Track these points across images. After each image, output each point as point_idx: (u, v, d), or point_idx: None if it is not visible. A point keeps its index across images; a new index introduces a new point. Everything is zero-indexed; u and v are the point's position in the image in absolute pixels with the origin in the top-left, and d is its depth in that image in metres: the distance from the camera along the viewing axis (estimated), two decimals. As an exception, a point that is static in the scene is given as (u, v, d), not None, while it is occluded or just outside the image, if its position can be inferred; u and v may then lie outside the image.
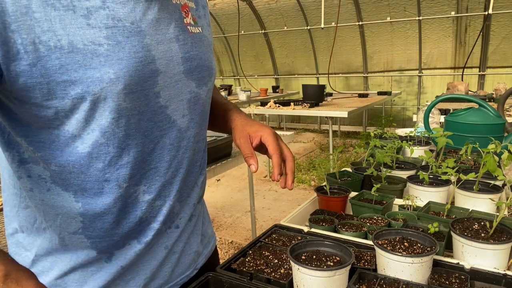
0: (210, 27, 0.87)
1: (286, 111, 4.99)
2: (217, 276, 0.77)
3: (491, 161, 1.10)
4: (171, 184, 0.76)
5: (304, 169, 5.70)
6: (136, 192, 0.71)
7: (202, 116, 0.81)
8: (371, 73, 8.11)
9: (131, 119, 0.66)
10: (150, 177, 0.72)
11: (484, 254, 0.82)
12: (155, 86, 0.67)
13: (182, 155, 0.77)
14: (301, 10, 7.92)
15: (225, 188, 5.02)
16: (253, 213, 3.14)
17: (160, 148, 0.72)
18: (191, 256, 0.87)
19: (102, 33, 0.59)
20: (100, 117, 0.63)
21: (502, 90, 4.58)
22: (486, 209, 1.07)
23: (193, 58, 0.75)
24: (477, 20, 6.68)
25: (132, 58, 0.62)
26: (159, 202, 0.75)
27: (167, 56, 0.69)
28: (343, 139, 7.96)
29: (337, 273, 0.70)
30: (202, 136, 0.85)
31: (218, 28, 9.08)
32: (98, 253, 0.72)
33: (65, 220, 0.69)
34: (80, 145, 0.64)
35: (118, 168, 0.67)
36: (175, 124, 0.74)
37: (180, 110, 0.74)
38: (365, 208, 1.11)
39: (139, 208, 0.73)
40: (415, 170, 1.40)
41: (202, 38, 0.79)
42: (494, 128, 1.71)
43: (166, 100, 0.70)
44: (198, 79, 0.77)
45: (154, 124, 0.70)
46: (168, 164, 0.74)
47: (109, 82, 0.60)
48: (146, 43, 0.64)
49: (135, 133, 0.67)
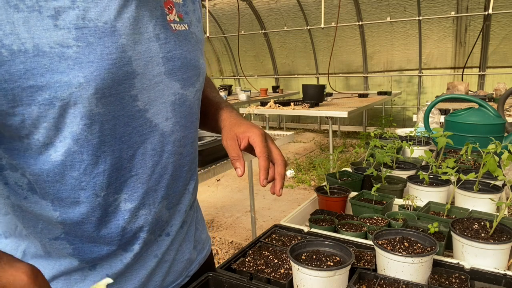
0: (200, 23, 0.82)
1: (286, 111, 5.00)
2: (217, 276, 0.77)
3: (491, 161, 1.10)
4: (155, 191, 0.72)
5: (304, 169, 5.70)
6: (117, 200, 0.68)
7: (189, 118, 0.77)
8: (371, 73, 8.11)
9: (106, 124, 0.62)
10: (132, 184, 0.69)
11: (484, 254, 0.82)
12: (131, 89, 0.64)
13: (166, 160, 0.73)
14: (301, 10, 7.93)
15: (225, 188, 5.02)
16: (253, 213, 3.14)
17: (141, 154, 0.68)
18: (183, 263, 0.85)
19: (71, 34, 0.56)
20: (71, 123, 0.59)
21: (502, 90, 4.58)
22: (486, 209, 1.07)
23: (176, 58, 0.71)
24: (477, 20, 6.68)
25: (105, 60, 0.59)
26: (143, 211, 0.72)
27: (145, 56, 0.65)
28: (343, 139, 7.96)
29: (337, 273, 0.70)
30: (191, 139, 0.80)
31: (218, 28, 9.08)
32: (80, 261, 0.70)
33: (46, 226, 0.67)
34: (53, 153, 0.61)
35: (94, 176, 0.64)
36: (157, 128, 0.70)
37: (162, 113, 0.70)
38: (365, 208, 1.11)
39: (120, 217, 0.69)
40: (415, 170, 1.40)
41: (189, 35, 0.75)
42: (494, 128, 1.71)
43: (145, 103, 0.66)
44: (183, 80, 0.73)
45: (133, 129, 0.66)
46: (151, 170, 0.70)
47: (79, 86, 0.57)
48: (121, 44, 0.61)
49: (111, 140, 0.64)
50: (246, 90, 6.85)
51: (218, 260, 3.22)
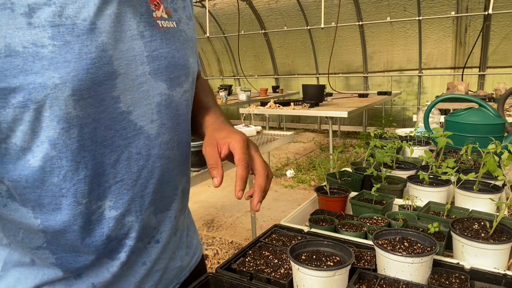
0: (191, 20, 0.78)
1: (286, 111, 5.00)
2: (217, 276, 0.77)
3: (491, 161, 1.10)
4: (141, 197, 0.69)
5: (304, 169, 5.70)
6: (101, 208, 0.65)
7: (176, 120, 0.73)
8: (371, 73, 8.11)
9: (85, 128, 0.59)
10: (116, 191, 0.66)
11: (484, 254, 0.82)
12: (113, 90, 0.60)
13: (152, 164, 0.69)
14: (301, 10, 7.93)
15: (225, 188, 5.01)
16: (253, 213, 3.14)
17: (126, 158, 0.65)
18: (174, 271, 0.82)
19: (46, 33, 0.53)
20: (48, 127, 0.56)
21: (502, 90, 4.58)
22: (486, 209, 1.07)
23: (162, 56, 0.67)
24: (477, 20, 6.68)
25: (83, 59, 0.55)
26: (129, 218, 0.68)
27: (128, 55, 0.62)
28: (343, 139, 7.96)
29: (337, 273, 0.70)
30: (179, 142, 0.76)
31: (218, 28, 9.08)
32: (64, 271, 0.67)
33: (27, 235, 0.64)
34: (32, 159, 0.58)
35: (75, 183, 0.61)
36: (142, 131, 0.66)
37: (147, 115, 0.66)
38: (365, 208, 1.11)
39: (105, 225, 0.66)
40: (415, 170, 1.40)
41: (177, 33, 0.72)
42: (494, 128, 1.71)
43: (128, 105, 0.63)
44: (169, 80, 0.69)
45: (115, 133, 0.63)
46: (137, 175, 0.67)
47: (54, 88, 0.54)
48: (101, 42, 0.57)
49: (91, 144, 0.60)
50: (246, 90, 6.85)
51: (218, 260, 3.22)
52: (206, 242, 3.55)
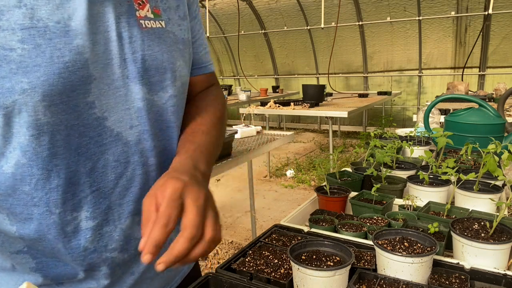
0: (185, 21, 0.73)
1: (286, 111, 5.00)
2: (217, 276, 0.77)
3: (491, 161, 1.10)
4: (120, 205, 0.66)
5: (304, 169, 5.70)
6: (77, 219, 0.62)
7: (160, 126, 0.69)
8: (371, 73, 8.11)
9: (57, 135, 0.56)
10: (93, 201, 0.62)
11: (484, 254, 0.82)
12: (87, 95, 0.58)
13: (132, 172, 0.66)
14: (301, 10, 7.93)
15: (225, 188, 5.02)
16: (253, 213, 3.14)
17: (102, 166, 0.62)
18: (163, 279, 0.79)
19: (15, 36, 0.51)
20: (18, 134, 0.54)
21: (502, 90, 4.58)
22: (486, 209, 1.07)
23: (143, 59, 0.64)
24: (477, 20, 6.68)
25: (55, 64, 0.53)
26: (107, 228, 0.65)
27: (104, 58, 0.59)
28: (343, 139, 7.96)
29: (337, 273, 0.70)
30: (166, 149, 0.71)
31: (218, 28, 9.08)
32: (44, 277, 0.65)
33: (7, 240, 0.63)
34: (5, 165, 0.56)
35: (47, 192, 0.58)
36: (119, 137, 0.63)
37: (126, 121, 0.63)
38: (365, 208, 1.11)
39: (82, 236, 0.63)
40: (415, 170, 1.40)
41: (164, 34, 0.68)
42: (494, 128, 1.71)
43: (103, 110, 0.60)
44: (150, 84, 0.65)
45: (90, 140, 0.60)
46: (114, 183, 0.64)
47: (22, 93, 0.51)
48: (76, 45, 0.55)
49: (64, 152, 0.58)
50: (246, 90, 6.85)
51: (218, 260, 3.22)
52: (206, 242, 3.55)
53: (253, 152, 2.44)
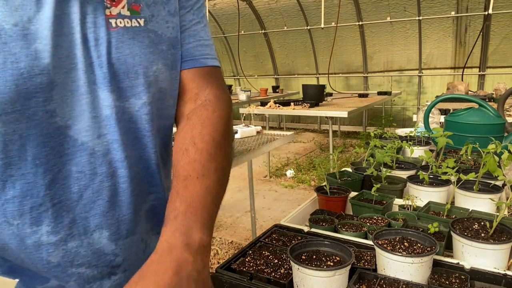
0: (176, 17, 0.67)
1: (286, 111, 5.00)
2: (217, 276, 0.77)
3: (491, 161, 1.10)
4: (85, 219, 0.61)
5: (304, 169, 5.70)
6: (37, 233, 0.58)
7: (133, 135, 0.64)
8: (371, 73, 8.11)
9: (10, 145, 0.53)
10: (55, 215, 0.58)
11: (484, 254, 0.82)
12: (47, 103, 0.54)
13: (99, 184, 0.61)
14: (301, 10, 7.92)
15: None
16: (253, 213, 3.14)
17: (64, 178, 0.58)
18: None
19: None
20: None
21: (502, 90, 4.58)
22: (486, 209, 1.07)
23: (110, 63, 0.58)
24: (477, 20, 6.68)
25: (8, 70, 0.50)
26: (72, 243, 0.60)
27: (68, 63, 0.55)
28: (343, 139, 7.96)
29: (337, 273, 0.70)
30: (141, 158, 0.66)
31: (218, 28, 9.08)
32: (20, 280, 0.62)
33: None
34: None
35: (3, 203, 0.56)
36: (84, 147, 0.59)
37: (92, 130, 0.59)
38: (365, 208, 1.11)
39: (43, 250, 0.59)
40: (415, 170, 1.40)
41: (141, 34, 0.61)
42: (494, 128, 1.71)
43: (66, 118, 0.56)
44: (119, 90, 0.60)
45: (51, 150, 0.56)
46: (78, 195, 0.60)
47: None
48: (34, 50, 0.51)
49: (19, 162, 0.55)
50: (246, 90, 6.85)
51: (218, 260, 3.22)
52: (206, 242, 3.55)
53: (253, 152, 2.44)
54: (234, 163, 2.22)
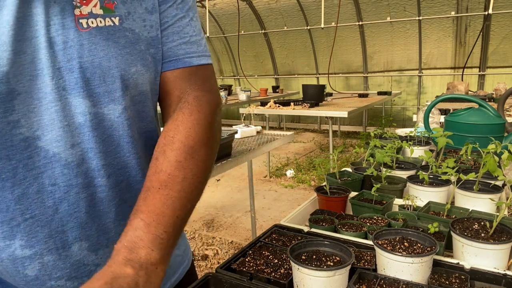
0: (154, 14, 0.62)
1: (286, 111, 5.00)
2: (217, 276, 0.77)
3: (491, 161, 1.10)
4: (63, 232, 0.58)
5: (304, 169, 5.70)
6: (10, 247, 0.56)
7: (112, 142, 0.60)
8: (371, 73, 8.11)
9: None
10: (27, 229, 0.55)
11: (484, 254, 0.82)
12: (10, 114, 0.50)
13: (76, 196, 0.57)
14: (301, 10, 7.93)
15: (225, 188, 5.02)
16: (253, 213, 3.14)
17: (36, 192, 0.55)
18: None
19: None
20: None
21: (502, 90, 4.58)
22: (486, 209, 1.07)
23: (81, 67, 0.54)
24: (477, 20, 6.68)
25: None
26: (50, 257, 0.57)
27: (31, 69, 0.51)
28: (343, 139, 7.97)
29: (337, 273, 0.70)
30: (124, 166, 0.63)
31: (218, 28, 9.08)
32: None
33: None
34: None
35: None
36: (57, 159, 0.55)
37: (64, 139, 0.55)
38: (365, 208, 1.11)
39: (19, 264, 0.57)
40: (415, 170, 1.40)
41: (117, 33, 0.57)
42: (494, 128, 1.71)
43: (34, 129, 0.53)
44: (94, 95, 0.56)
45: (18, 163, 0.53)
46: (53, 210, 0.56)
47: None
48: None
49: None
50: (246, 90, 6.85)
51: (218, 260, 3.22)
52: (206, 242, 3.55)
53: (253, 152, 2.44)
54: (234, 163, 2.23)
